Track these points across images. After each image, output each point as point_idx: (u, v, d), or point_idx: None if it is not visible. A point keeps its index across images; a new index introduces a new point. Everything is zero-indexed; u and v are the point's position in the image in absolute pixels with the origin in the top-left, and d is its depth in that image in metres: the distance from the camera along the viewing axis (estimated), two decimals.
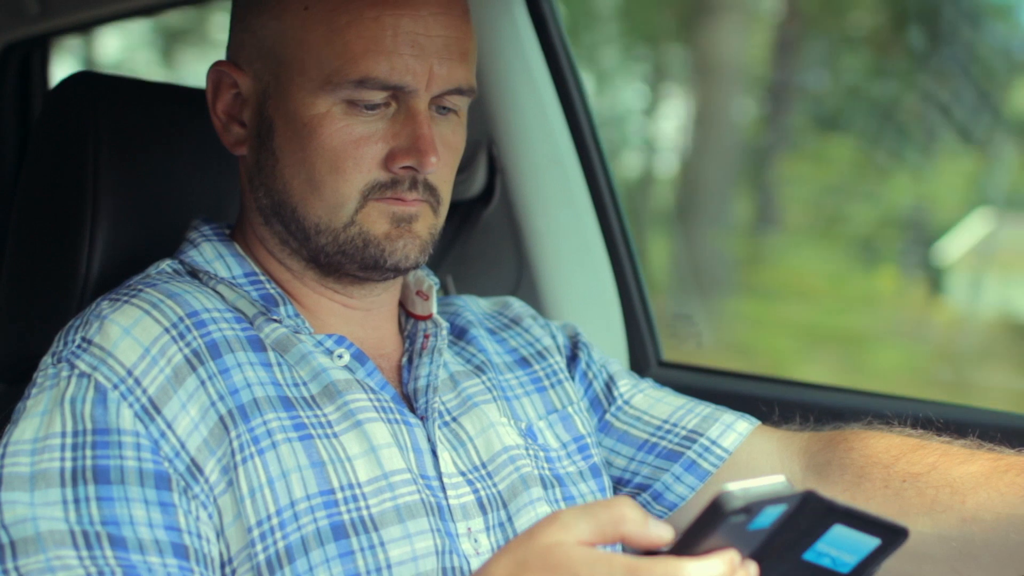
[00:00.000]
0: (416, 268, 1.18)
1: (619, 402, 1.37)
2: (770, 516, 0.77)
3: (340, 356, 1.16)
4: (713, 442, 1.30)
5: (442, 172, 1.16)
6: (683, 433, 1.32)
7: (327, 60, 1.11)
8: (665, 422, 1.34)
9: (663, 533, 0.80)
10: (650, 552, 0.80)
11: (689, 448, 1.31)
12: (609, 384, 1.38)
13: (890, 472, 1.20)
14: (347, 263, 1.16)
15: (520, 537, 0.85)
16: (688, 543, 0.77)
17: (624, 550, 1.06)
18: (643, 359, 1.91)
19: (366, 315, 1.22)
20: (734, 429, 1.31)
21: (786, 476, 0.81)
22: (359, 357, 1.16)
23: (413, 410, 1.18)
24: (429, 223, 1.17)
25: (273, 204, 1.17)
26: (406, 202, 1.14)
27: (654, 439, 1.33)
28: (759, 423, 1.34)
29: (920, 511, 1.16)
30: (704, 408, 1.35)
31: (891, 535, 0.79)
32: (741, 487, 0.75)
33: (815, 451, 1.28)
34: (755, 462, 1.29)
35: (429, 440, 1.16)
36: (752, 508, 0.75)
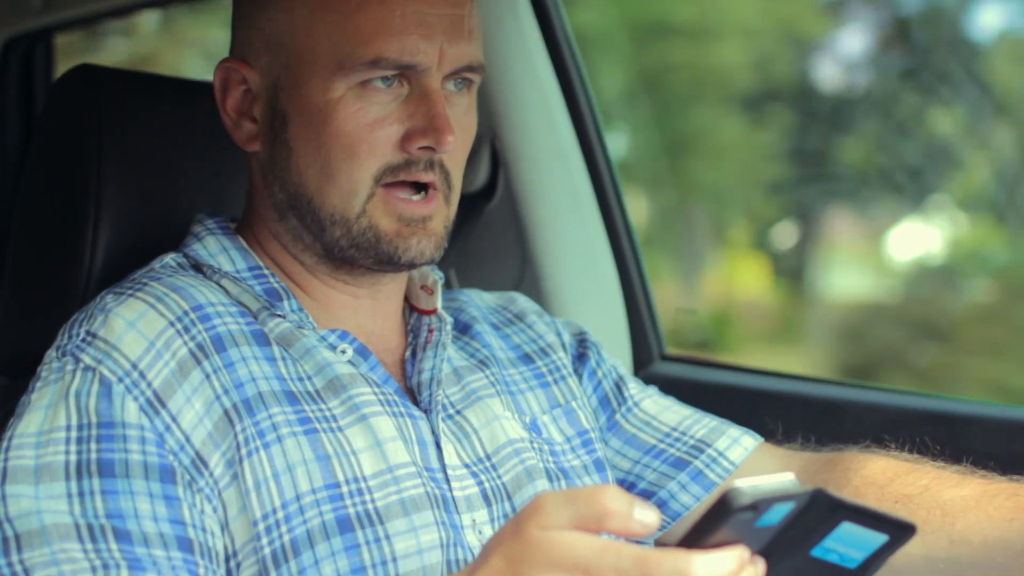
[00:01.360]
0: (433, 262, 1.18)
1: (629, 403, 1.37)
2: (778, 513, 0.77)
3: (343, 351, 1.16)
4: (720, 454, 1.31)
5: (456, 156, 1.16)
6: (691, 442, 1.33)
7: (338, 45, 1.11)
8: (674, 429, 1.35)
9: (648, 521, 0.78)
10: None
11: (697, 458, 1.32)
12: (619, 384, 1.39)
13: (884, 492, 1.22)
14: (361, 257, 1.15)
15: (505, 530, 0.82)
16: (696, 538, 0.76)
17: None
18: (646, 353, 1.91)
19: (374, 305, 1.22)
20: (740, 444, 1.33)
21: (795, 474, 0.80)
22: (362, 352, 1.16)
23: (417, 403, 1.18)
24: (443, 216, 1.17)
25: (289, 197, 1.17)
26: (414, 203, 1.14)
27: (662, 445, 1.34)
28: (763, 440, 1.36)
29: None
30: (711, 420, 1.36)
31: (898, 531, 0.79)
32: (750, 484, 0.74)
33: (814, 470, 1.30)
34: None
35: (433, 433, 1.16)
36: (760, 505, 0.75)
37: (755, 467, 1.32)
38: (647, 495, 1.32)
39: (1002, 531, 1.12)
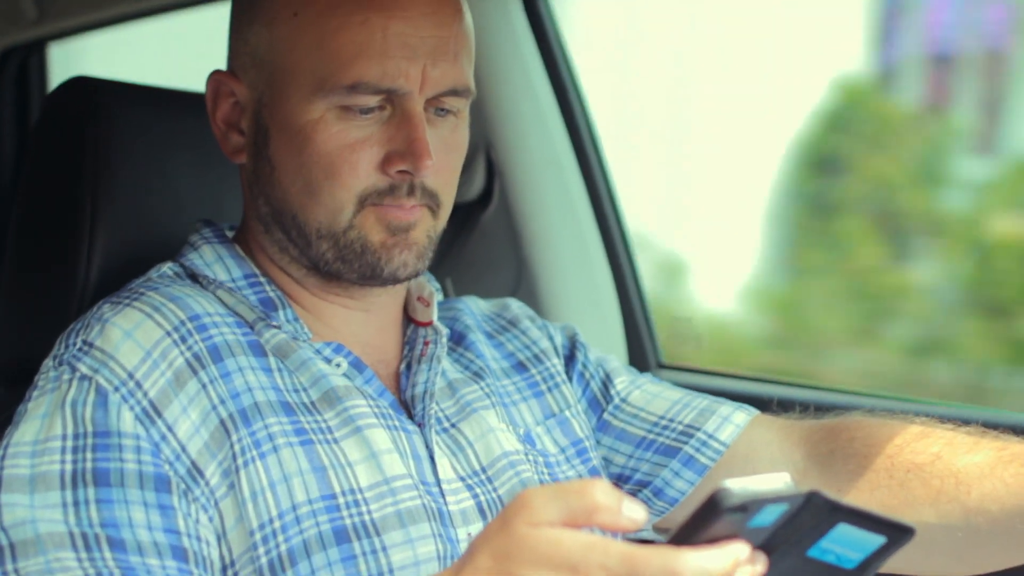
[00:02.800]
0: (416, 276, 1.17)
1: (616, 400, 1.36)
2: (771, 515, 0.76)
3: (338, 365, 1.15)
4: (710, 436, 1.30)
5: (442, 175, 1.15)
6: (680, 428, 1.31)
7: (318, 66, 1.10)
8: (662, 418, 1.33)
9: (637, 517, 0.76)
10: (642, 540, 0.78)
11: (686, 443, 1.30)
12: (606, 383, 1.38)
13: (894, 462, 1.19)
14: (346, 271, 1.15)
15: (492, 526, 0.80)
16: (686, 536, 0.75)
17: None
18: (642, 362, 1.91)
19: (367, 316, 1.21)
20: (731, 421, 1.31)
21: (790, 474, 0.79)
22: (356, 365, 1.16)
23: (411, 417, 1.18)
24: (427, 227, 1.16)
25: (272, 212, 1.16)
26: (404, 209, 1.13)
27: (651, 435, 1.33)
28: (758, 412, 1.33)
29: (925, 501, 1.15)
30: (702, 401, 1.34)
31: (896, 533, 0.78)
32: (740, 484, 0.73)
33: (816, 440, 1.27)
34: (755, 453, 1.29)
35: (427, 447, 1.16)
36: (750, 506, 0.73)
37: (752, 442, 1.29)
38: (642, 486, 1.31)
39: (1019, 498, 1.09)
